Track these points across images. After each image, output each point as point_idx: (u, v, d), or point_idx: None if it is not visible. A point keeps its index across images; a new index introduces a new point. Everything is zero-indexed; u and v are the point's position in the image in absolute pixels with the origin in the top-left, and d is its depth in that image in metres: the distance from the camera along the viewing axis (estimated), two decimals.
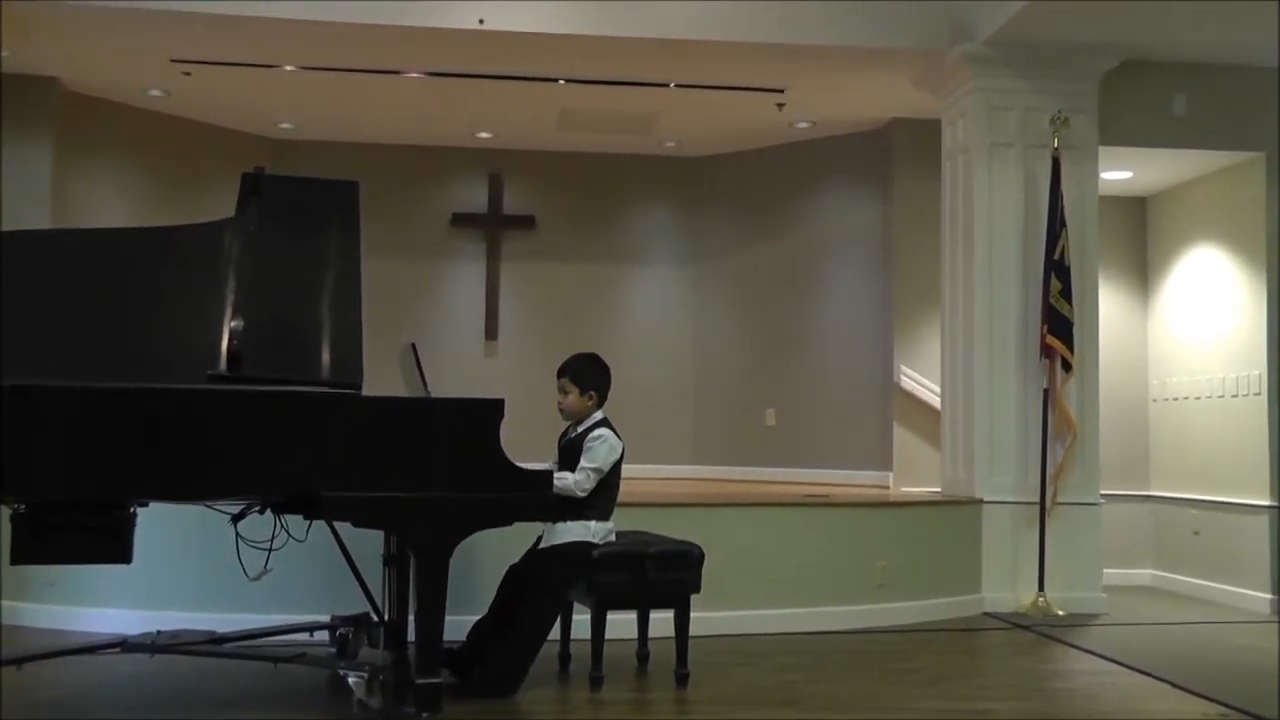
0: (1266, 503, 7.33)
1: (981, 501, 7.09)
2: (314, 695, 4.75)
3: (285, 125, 9.34)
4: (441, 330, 9.71)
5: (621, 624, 5.16)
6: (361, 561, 4.83)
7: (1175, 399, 8.36)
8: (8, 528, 4.16)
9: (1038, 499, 7.00)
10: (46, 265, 4.36)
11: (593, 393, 5.03)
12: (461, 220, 9.88)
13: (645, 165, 10.01)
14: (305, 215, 4.55)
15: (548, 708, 4.70)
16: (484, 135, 9.58)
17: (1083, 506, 7.11)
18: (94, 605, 5.80)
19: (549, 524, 4.87)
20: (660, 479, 8.96)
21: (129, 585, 5.64)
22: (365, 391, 4.28)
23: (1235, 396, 7.69)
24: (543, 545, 4.95)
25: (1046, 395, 7.05)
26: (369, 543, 4.93)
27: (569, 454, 4.97)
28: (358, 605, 4.98)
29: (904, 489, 8.36)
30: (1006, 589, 7.02)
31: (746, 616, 6.17)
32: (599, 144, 9.71)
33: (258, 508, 4.58)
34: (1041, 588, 6.91)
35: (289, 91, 8.49)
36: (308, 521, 4.57)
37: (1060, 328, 6.97)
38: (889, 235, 8.87)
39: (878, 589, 6.54)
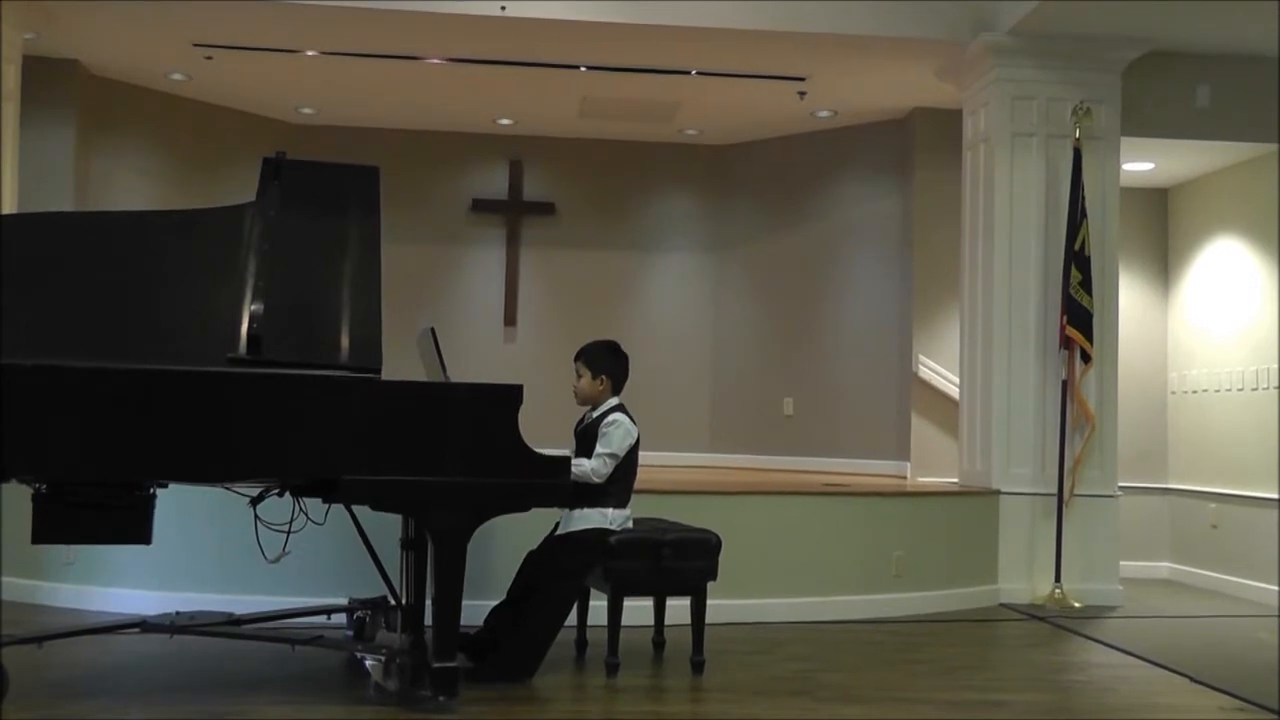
0: None
1: (999, 492, 7.08)
2: (331, 678, 4.78)
3: (306, 110, 9.36)
4: (461, 315, 9.73)
5: (638, 611, 5.18)
6: (379, 545, 4.84)
7: (1194, 392, 8.32)
8: (23, 506, 4.18)
9: (1055, 491, 6.98)
10: (67, 247, 4.38)
11: (605, 378, 5.03)
12: (481, 206, 9.89)
13: (666, 153, 10.00)
14: (325, 200, 4.56)
15: (563, 693, 4.72)
16: (505, 121, 9.58)
17: (1100, 499, 7.09)
18: (113, 585, 5.85)
19: (566, 510, 4.89)
20: (677, 467, 8.96)
21: (148, 566, 5.69)
22: (384, 375, 4.29)
23: (1255, 390, 7.64)
24: (560, 531, 4.96)
25: (1065, 387, 7.03)
26: (387, 526, 4.94)
27: (585, 440, 4.97)
28: (375, 588, 4.99)
29: (921, 479, 8.35)
30: (1023, 580, 7.01)
31: (762, 605, 6.18)
32: (620, 131, 9.70)
33: (276, 490, 4.60)
34: (1058, 580, 6.90)
35: (310, 76, 8.50)
36: (326, 505, 4.59)
37: (1080, 319, 6.94)
38: (909, 225, 8.84)
39: (894, 579, 6.54)
